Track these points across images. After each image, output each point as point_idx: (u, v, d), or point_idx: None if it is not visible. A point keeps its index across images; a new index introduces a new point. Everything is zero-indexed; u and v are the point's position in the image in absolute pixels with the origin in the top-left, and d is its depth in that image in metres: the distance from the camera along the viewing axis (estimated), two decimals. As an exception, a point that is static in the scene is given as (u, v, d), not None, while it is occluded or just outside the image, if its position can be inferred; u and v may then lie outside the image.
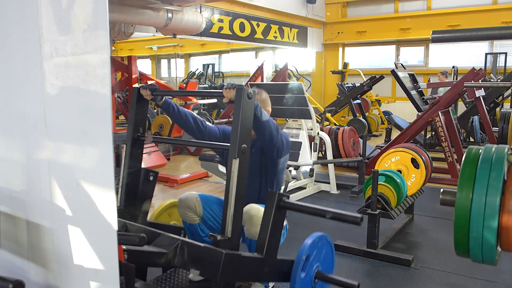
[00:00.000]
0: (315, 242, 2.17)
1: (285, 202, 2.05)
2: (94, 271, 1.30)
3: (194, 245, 2.01)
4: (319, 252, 2.22)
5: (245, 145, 2.02)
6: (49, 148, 1.35)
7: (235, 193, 2.00)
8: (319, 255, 2.23)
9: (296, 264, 2.08)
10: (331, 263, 2.36)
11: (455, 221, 1.60)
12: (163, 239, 2.06)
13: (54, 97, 1.31)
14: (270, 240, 2.07)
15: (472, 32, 9.41)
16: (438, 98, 5.94)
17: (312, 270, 2.18)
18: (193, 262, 2.00)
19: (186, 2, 6.66)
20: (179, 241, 2.02)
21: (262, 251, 2.07)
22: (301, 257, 2.08)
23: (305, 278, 2.13)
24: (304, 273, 2.12)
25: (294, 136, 5.16)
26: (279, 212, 2.07)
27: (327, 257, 2.30)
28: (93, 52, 1.19)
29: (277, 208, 2.05)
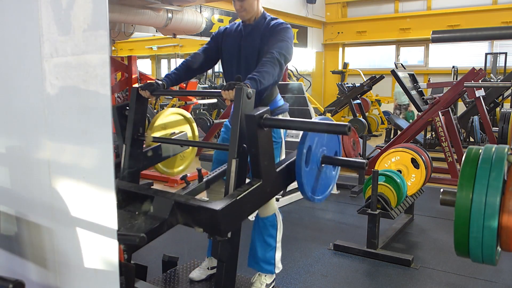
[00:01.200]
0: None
1: (266, 119, 1.93)
2: (94, 271, 1.30)
3: (187, 205, 1.90)
4: (321, 137, 2.09)
5: (244, 145, 2.01)
6: (49, 148, 1.35)
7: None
8: (322, 140, 2.10)
9: (298, 160, 1.97)
10: (337, 143, 2.23)
11: (455, 221, 1.60)
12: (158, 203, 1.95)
13: (54, 97, 1.31)
14: (264, 162, 1.99)
15: (472, 32, 9.41)
16: (438, 98, 5.94)
17: (318, 158, 2.08)
18: (193, 221, 1.91)
19: (186, 2, 6.65)
20: (173, 201, 1.91)
21: (259, 176, 1.99)
22: (302, 150, 1.97)
23: (311, 168, 2.04)
24: (309, 165, 2.02)
25: (294, 136, 5.16)
26: (263, 131, 1.97)
27: (331, 139, 2.17)
28: (93, 52, 1.19)
29: (260, 128, 1.94)
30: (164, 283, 2.67)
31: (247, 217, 2.12)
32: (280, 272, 2.77)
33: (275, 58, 2.29)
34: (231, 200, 1.85)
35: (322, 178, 2.16)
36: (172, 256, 2.85)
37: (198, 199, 1.95)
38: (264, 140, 1.99)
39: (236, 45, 2.55)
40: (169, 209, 1.89)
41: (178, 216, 1.92)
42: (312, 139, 2.04)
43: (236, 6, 2.52)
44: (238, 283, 2.63)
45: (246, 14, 2.51)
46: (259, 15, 2.57)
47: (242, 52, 2.52)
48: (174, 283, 2.68)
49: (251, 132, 1.95)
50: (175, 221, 1.92)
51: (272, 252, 2.55)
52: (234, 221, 1.91)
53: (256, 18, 2.55)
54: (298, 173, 2.00)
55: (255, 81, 2.14)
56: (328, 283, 2.91)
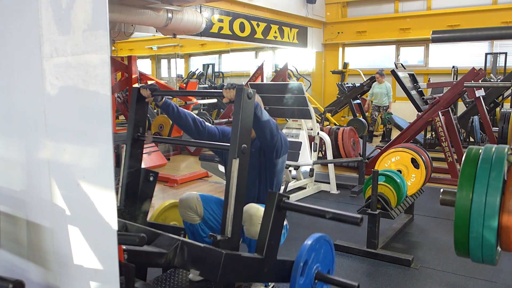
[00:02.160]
0: (312, 245, 2.17)
1: (285, 203, 2.06)
2: (94, 271, 1.30)
3: (194, 245, 2.01)
4: (317, 254, 2.22)
5: (245, 145, 2.02)
6: (49, 148, 1.35)
7: (235, 193, 2.00)
8: (318, 256, 2.23)
9: (294, 270, 2.08)
10: (331, 261, 2.36)
11: (455, 221, 1.60)
12: (163, 239, 2.06)
13: (54, 97, 1.31)
14: (270, 241, 2.07)
15: (472, 32, 9.41)
16: (438, 98, 5.94)
17: (312, 273, 2.18)
18: (193, 263, 2.00)
19: (186, 2, 6.66)
20: (179, 241, 2.02)
21: (262, 252, 2.07)
22: (299, 263, 2.08)
23: (305, 281, 2.14)
24: (303, 277, 2.12)
25: (294, 136, 5.16)
26: (279, 213, 2.07)
27: (326, 256, 2.30)
28: (93, 52, 1.19)
29: (277, 209, 2.05)
30: (164, 283, 2.67)
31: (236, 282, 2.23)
32: (280, 272, 2.76)
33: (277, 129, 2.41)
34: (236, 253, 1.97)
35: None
36: (172, 256, 2.85)
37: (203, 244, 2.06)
38: (278, 221, 2.09)
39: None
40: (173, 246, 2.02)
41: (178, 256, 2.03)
42: (309, 254, 2.15)
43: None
44: (238, 283, 2.63)
45: None
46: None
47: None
48: (174, 283, 2.68)
49: (269, 209, 2.06)
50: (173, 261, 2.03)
51: None
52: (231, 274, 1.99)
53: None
54: (293, 282, 2.08)
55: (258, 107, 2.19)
56: (328, 283, 2.92)
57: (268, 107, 5.03)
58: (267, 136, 2.37)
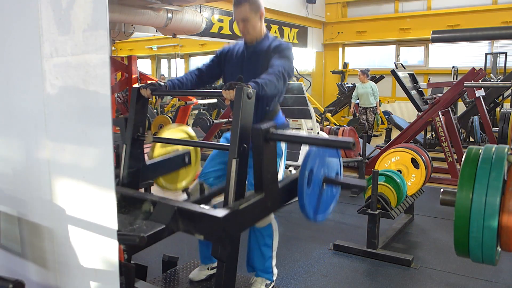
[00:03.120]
0: (315, 151, 2.05)
1: (272, 134, 1.97)
2: (94, 271, 1.30)
3: (190, 211, 1.90)
4: (322, 159, 2.11)
5: (245, 145, 2.01)
6: (49, 148, 1.35)
7: (234, 193, 2.00)
8: (323, 162, 2.12)
9: (300, 181, 1.98)
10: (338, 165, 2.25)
11: (455, 221, 1.60)
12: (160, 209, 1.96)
13: (54, 97, 1.31)
14: (267, 175, 2.00)
15: (472, 32, 9.41)
16: (438, 98, 5.94)
17: (319, 178, 2.10)
18: (194, 228, 1.91)
19: (186, 2, 6.65)
20: (175, 208, 1.91)
21: (262, 189, 2.00)
22: (304, 172, 1.98)
23: (313, 189, 2.06)
24: (311, 186, 2.03)
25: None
26: (268, 145, 1.99)
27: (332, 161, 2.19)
28: (93, 52, 1.19)
29: (265, 141, 1.97)
30: (164, 283, 2.67)
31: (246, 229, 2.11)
32: (280, 272, 2.77)
33: (280, 72, 2.29)
34: (233, 209, 1.87)
35: (323, 198, 2.17)
36: (172, 256, 2.85)
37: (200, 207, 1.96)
38: (269, 153, 2.02)
39: (238, 67, 2.55)
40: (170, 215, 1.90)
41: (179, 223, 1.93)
42: (313, 161, 2.05)
43: (239, 27, 2.52)
44: (238, 283, 2.63)
45: (249, 35, 2.51)
46: (262, 35, 2.56)
47: (245, 74, 2.52)
48: (174, 283, 2.68)
49: (257, 144, 1.98)
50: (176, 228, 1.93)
51: (269, 261, 2.57)
52: (235, 231, 1.92)
53: (259, 39, 2.54)
54: (300, 195, 2.02)
55: (258, 85, 2.13)
56: (328, 283, 2.91)
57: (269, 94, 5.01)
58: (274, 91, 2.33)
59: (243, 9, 2.48)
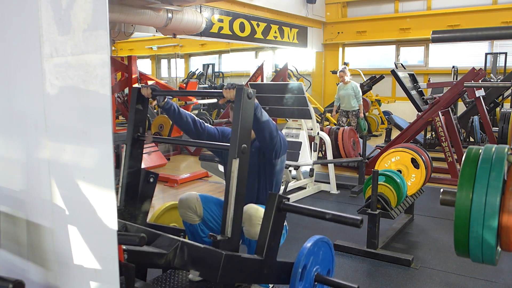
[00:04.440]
0: (310, 248, 2.17)
1: (285, 204, 2.06)
2: (94, 271, 1.30)
3: (194, 246, 2.01)
4: (316, 256, 2.22)
5: (245, 145, 2.02)
6: (49, 148, 1.35)
7: (235, 193, 2.00)
8: (317, 259, 2.23)
9: (293, 276, 2.08)
10: (331, 261, 2.36)
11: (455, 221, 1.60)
12: (163, 240, 2.06)
13: (54, 97, 1.31)
14: (270, 242, 2.07)
15: (472, 32, 9.41)
16: (438, 98, 5.94)
17: (311, 276, 2.19)
18: (193, 263, 2.00)
19: (186, 2, 6.66)
20: (179, 242, 2.02)
21: (262, 253, 2.07)
22: (297, 269, 2.08)
23: (304, 285, 2.14)
24: (303, 282, 2.12)
25: (294, 136, 5.16)
26: (279, 214, 2.07)
27: (325, 257, 2.31)
28: (93, 52, 1.19)
29: (277, 210, 2.05)
30: (164, 283, 2.67)
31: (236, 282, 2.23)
32: (280, 272, 2.76)
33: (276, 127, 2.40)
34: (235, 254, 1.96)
35: None
36: (172, 256, 2.85)
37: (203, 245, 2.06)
38: (278, 222, 2.09)
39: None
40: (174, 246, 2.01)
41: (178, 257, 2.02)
42: (308, 258, 2.14)
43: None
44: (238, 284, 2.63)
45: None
46: None
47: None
48: (174, 283, 2.68)
49: (269, 210, 2.06)
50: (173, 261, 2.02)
51: None
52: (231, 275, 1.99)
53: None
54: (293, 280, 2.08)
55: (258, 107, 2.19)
56: (328, 283, 2.91)
57: (268, 107, 5.03)
58: (267, 137, 2.37)
59: None
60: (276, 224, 2.08)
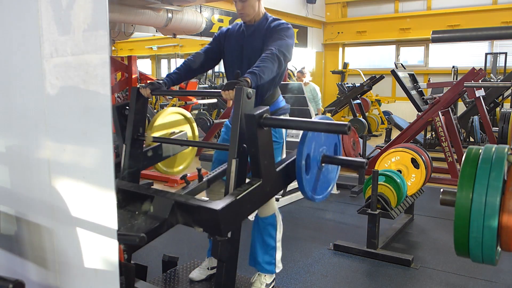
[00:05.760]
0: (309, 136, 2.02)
1: (266, 119, 1.94)
2: (94, 271, 1.30)
3: (187, 205, 1.89)
4: (318, 139, 2.08)
5: (245, 145, 2.01)
6: (49, 148, 1.35)
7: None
8: (321, 139, 2.09)
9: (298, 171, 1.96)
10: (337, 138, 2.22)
11: (455, 221, 1.60)
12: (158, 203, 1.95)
13: (54, 97, 1.31)
14: (264, 161, 1.98)
15: (472, 32, 9.41)
16: (438, 98, 5.94)
17: (318, 157, 2.07)
18: (194, 221, 1.90)
19: (186, 2, 6.66)
20: (173, 201, 1.91)
21: (259, 175, 1.98)
22: (302, 151, 1.94)
23: (311, 171, 2.04)
24: (309, 172, 2.01)
25: (294, 136, 5.15)
26: (262, 131, 1.97)
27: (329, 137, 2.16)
28: (93, 52, 1.19)
29: (260, 127, 1.95)
30: (164, 283, 2.67)
31: (247, 217, 2.11)
32: (280, 272, 2.77)
33: (275, 54, 2.28)
34: (231, 199, 1.84)
35: (322, 177, 2.16)
36: (172, 256, 2.85)
37: (198, 199, 1.95)
38: (264, 139, 1.99)
39: (238, 46, 2.55)
40: (169, 209, 1.88)
41: (178, 216, 1.92)
42: (311, 139, 2.04)
43: (237, 7, 2.51)
44: (238, 283, 2.63)
45: (247, 15, 2.51)
46: (261, 16, 2.57)
47: (245, 53, 2.52)
48: (174, 283, 2.68)
49: (251, 131, 1.95)
50: (175, 221, 1.92)
51: (272, 252, 2.55)
52: (234, 221, 1.91)
53: (257, 20, 2.55)
54: (299, 173, 2.00)
55: (255, 75, 2.13)
56: (328, 283, 2.91)
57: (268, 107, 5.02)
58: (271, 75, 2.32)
59: None
60: (263, 142, 1.97)
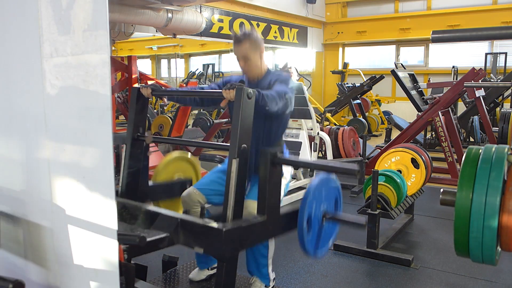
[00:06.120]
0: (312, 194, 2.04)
1: (279, 158, 2.00)
2: (94, 271, 1.30)
3: (193, 223, 1.94)
4: (319, 198, 2.10)
5: (245, 145, 2.02)
6: (49, 148, 1.35)
7: (234, 193, 2.00)
8: (320, 199, 2.11)
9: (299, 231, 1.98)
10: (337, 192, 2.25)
11: (455, 221, 1.60)
12: (162, 220, 2.00)
13: (54, 97, 1.31)
14: (270, 199, 2.02)
15: (472, 32, 9.41)
16: (438, 98, 5.94)
17: (319, 219, 2.10)
18: (195, 241, 1.94)
19: (186, 2, 6.66)
20: (178, 220, 1.95)
21: (264, 212, 2.02)
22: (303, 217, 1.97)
23: (312, 229, 2.06)
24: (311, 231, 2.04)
25: (294, 136, 5.15)
26: (274, 169, 2.02)
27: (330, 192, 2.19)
28: (93, 52, 1.19)
29: (272, 165, 2.00)
30: (164, 283, 2.67)
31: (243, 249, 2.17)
32: (280, 272, 2.77)
33: (283, 92, 2.31)
34: (236, 225, 1.91)
35: (324, 233, 2.18)
36: (172, 256, 2.85)
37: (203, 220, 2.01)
38: (275, 177, 2.04)
39: None
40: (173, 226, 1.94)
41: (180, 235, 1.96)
42: (312, 201, 2.04)
43: (240, 64, 2.51)
44: (238, 283, 2.63)
45: (250, 72, 2.51)
46: (264, 72, 2.56)
47: None
48: (174, 283, 2.68)
49: (264, 167, 2.01)
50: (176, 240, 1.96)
51: (265, 269, 2.58)
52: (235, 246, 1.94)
53: (260, 77, 2.54)
54: (300, 234, 2.01)
55: (259, 93, 2.14)
56: (328, 283, 2.91)
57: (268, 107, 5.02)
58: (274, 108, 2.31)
59: (243, 47, 2.49)
60: (273, 180, 2.02)
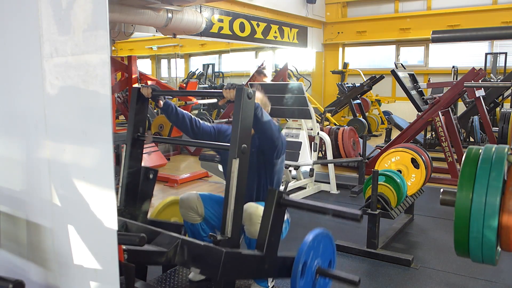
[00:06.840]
0: (310, 244, 2.15)
1: (285, 199, 2.06)
2: (94, 271, 1.30)
3: (194, 244, 2.01)
4: (316, 250, 2.20)
5: (245, 145, 2.02)
6: (49, 148, 1.35)
7: (235, 193, 2.01)
8: (317, 252, 2.21)
9: (294, 274, 2.06)
10: (332, 253, 2.32)
11: (455, 221, 1.60)
12: (163, 238, 2.06)
13: (54, 97, 1.31)
14: (270, 238, 2.08)
15: (472, 32, 9.41)
16: (438, 98, 5.94)
17: (312, 271, 2.17)
18: (193, 261, 2.00)
19: (186, 2, 6.66)
20: (179, 239, 2.02)
21: (263, 249, 2.07)
22: (298, 267, 2.06)
23: (306, 280, 2.13)
24: (304, 278, 2.11)
25: (294, 136, 5.16)
26: (279, 209, 2.07)
27: (326, 250, 2.28)
28: (93, 52, 1.19)
29: (277, 205, 2.05)
30: (164, 283, 2.67)
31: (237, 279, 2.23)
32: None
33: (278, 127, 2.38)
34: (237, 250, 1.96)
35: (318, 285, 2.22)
36: (172, 256, 2.85)
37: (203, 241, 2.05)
38: (278, 218, 2.09)
39: None
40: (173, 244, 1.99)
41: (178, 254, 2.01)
42: (310, 248, 2.13)
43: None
44: (238, 283, 2.63)
45: None
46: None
47: None
48: (174, 283, 2.68)
49: (269, 206, 2.06)
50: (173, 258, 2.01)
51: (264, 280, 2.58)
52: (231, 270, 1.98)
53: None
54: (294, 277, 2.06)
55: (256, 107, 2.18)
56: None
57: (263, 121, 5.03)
58: (268, 137, 2.37)
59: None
60: (276, 219, 2.08)
